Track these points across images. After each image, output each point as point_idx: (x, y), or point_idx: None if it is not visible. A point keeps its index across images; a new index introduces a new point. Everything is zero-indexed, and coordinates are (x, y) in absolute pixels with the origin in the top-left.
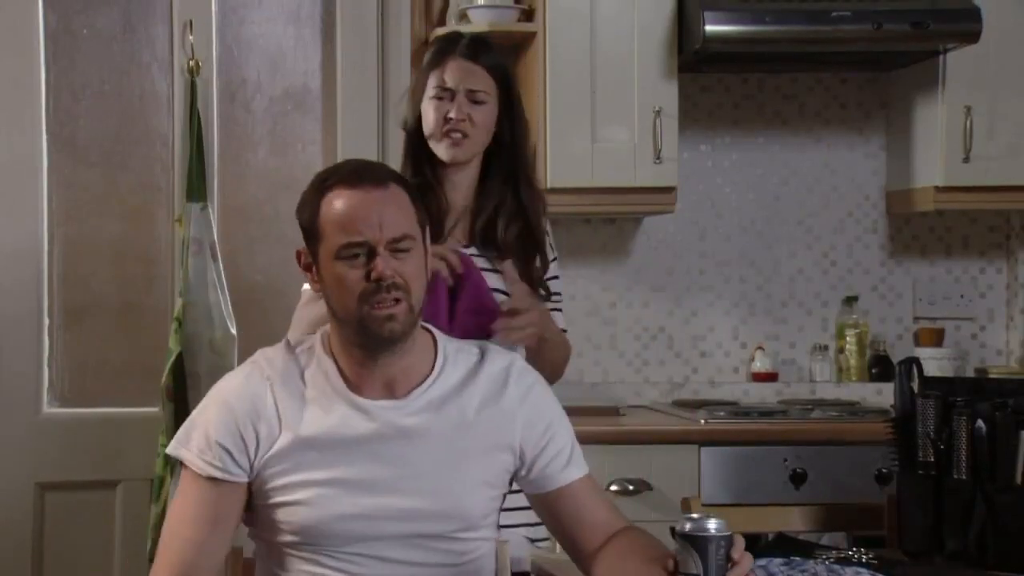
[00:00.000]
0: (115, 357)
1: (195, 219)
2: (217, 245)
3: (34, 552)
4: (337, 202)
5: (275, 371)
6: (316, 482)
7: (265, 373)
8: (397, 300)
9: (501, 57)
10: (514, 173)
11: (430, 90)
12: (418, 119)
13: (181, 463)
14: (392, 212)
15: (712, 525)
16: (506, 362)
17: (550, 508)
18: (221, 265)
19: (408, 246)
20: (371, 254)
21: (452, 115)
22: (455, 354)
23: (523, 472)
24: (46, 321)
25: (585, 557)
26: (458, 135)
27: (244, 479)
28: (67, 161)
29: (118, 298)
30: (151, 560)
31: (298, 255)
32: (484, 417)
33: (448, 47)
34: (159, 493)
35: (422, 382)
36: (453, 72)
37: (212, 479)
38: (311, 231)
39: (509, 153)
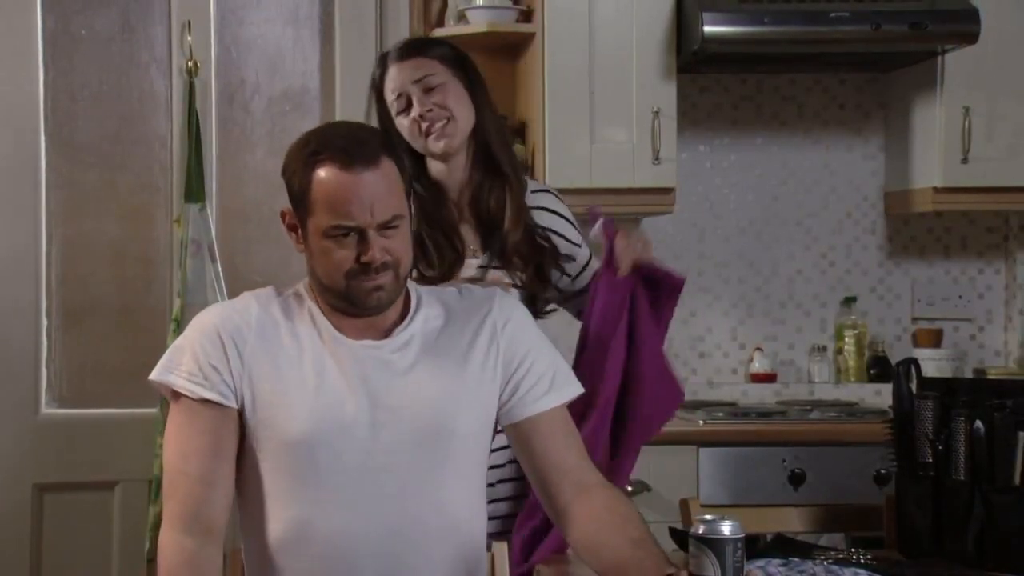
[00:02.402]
0: (113, 358)
1: (193, 220)
2: (216, 246)
3: (32, 553)
4: (328, 180)
5: (260, 302)
6: (305, 402)
7: (250, 302)
8: (385, 273)
9: (444, 47)
10: (495, 161)
11: (392, 108)
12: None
13: (170, 402)
14: (383, 194)
15: (727, 527)
16: (487, 293)
17: (523, 443)
18: (219, 266)
19: (397, 223)
20: (361, 235)
21: (421, 112)
22: (428, 295)
23: (505, 396)
24: (44, 322)
25: (559, 511)
26: (439, 124)
27: (234, 404)
28: (65, 162)
29: (117, 299)
30: (150, 561)
31: (283, 215)
32: (466, 342)
33: (381, 63)
34: (157, 494)
35: (401, 320)
36: (394, 77)
37: (205, 402)
38: (299, 200)
39: (482, 136)
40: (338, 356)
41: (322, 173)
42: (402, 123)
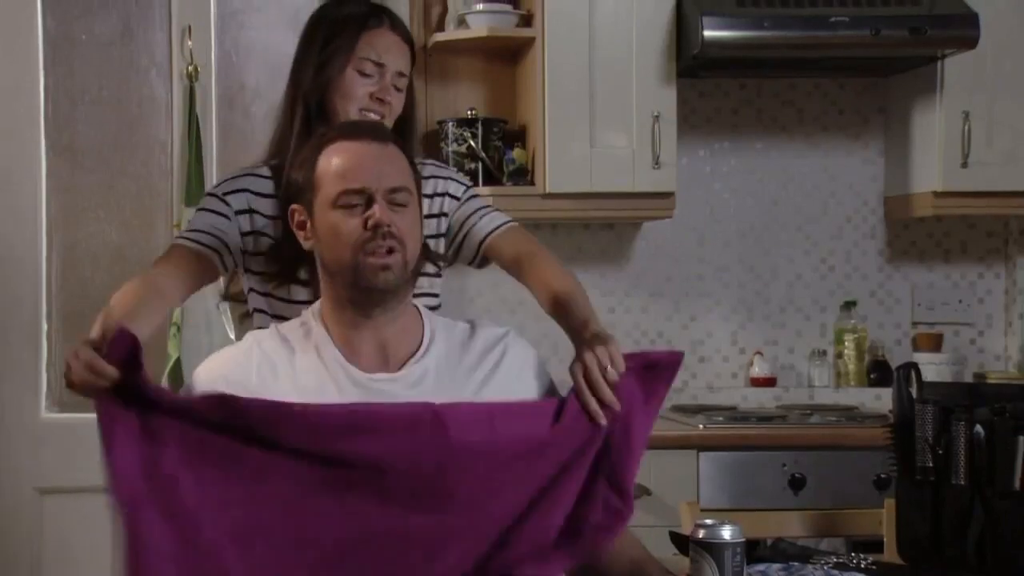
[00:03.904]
0: None
1: None
2: None
3: (33, 557)
4: (336, 153)
5: (262, 346)
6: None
7: (252, 348)
8: (391, 251)
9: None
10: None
11: (356, 60)
12: (324, 85)
13: None
14: (390, 165)
15: (727, 531)
16: (500, 332)
17: None
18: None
19: (405, 200)
20: (369, 203)
21: (384, 97)
22: (443, 328)
23: None
24: (44, 326)
25: None
26: (376, 117)
27: None
28: (66, 167)
29: None
30: None
31: (291, 212)
32: (478, 380)
33: (374, 18)
34: None
35: (414, 353)
36: (388, 47)
37: None
38: (308, 185)
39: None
40: (344, 393)
41: (330, 149)
42: (355, 81)
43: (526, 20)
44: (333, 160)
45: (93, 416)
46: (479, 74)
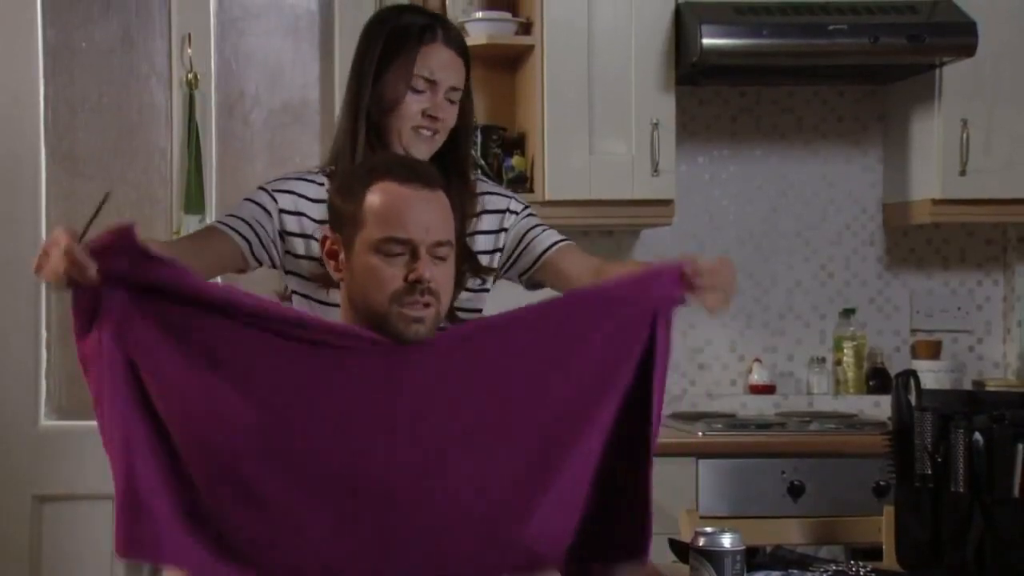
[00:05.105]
0: None
1: None
2: None
3: (32, 565)
4: (385, 193)
5: None
6: None
7: None
8: (427, 304)
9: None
10: (453, 173)
11: (412, 77)
12: (381, 103)
13: None
14: (438, 216)
15: (727, 539)
16: None
17: None
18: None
19: (446, 254)
20: (413, 254)
21: (436, 114)
22: None
23: None
24: (43, 333)
25: None
26: (429, 133)
27: None
28: (66, 174)
29: None
30: (153, 573)
31: (323, 240)
32: None
33: (428, 33)
34: None
35: None
36: (441, 63)
37: None
38: (350, 218)
39: (450, 149)
40: None
41: (380, 187)
42: (412, 97)
43: (525, 28)
44: (381, 201)
45: (93, 424)
46: (478, 82)
